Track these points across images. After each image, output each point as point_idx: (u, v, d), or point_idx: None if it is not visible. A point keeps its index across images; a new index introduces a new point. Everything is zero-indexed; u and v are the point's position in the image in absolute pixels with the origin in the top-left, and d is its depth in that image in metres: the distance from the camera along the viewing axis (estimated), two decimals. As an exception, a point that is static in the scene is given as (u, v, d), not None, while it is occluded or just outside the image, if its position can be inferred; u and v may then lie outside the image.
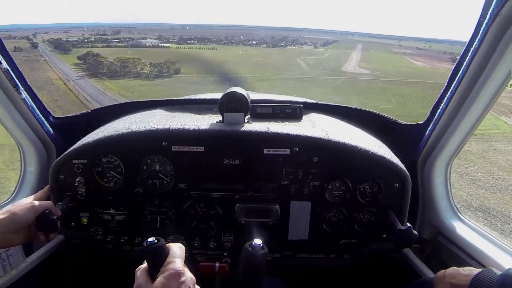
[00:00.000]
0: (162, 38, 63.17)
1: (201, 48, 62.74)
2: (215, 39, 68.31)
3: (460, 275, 1.05)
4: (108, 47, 56.00)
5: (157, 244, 0.89)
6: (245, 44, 70.27)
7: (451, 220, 1.63)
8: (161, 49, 57.32)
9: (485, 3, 1.25)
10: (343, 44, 76.73)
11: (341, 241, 1.61)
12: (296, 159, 1.50)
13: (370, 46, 75.55)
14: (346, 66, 54.04)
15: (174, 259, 0.88)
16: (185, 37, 66.01)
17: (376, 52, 69.21)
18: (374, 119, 1.92)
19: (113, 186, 1.56)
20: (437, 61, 59.86)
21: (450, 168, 1.66)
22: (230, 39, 70.30)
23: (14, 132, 1.66)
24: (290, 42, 72.67)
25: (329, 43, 75.63)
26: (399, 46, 77.59)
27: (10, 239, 1.30)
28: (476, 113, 1.40)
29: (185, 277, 0.85)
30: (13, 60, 1.53)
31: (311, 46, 72.80)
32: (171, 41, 62.96)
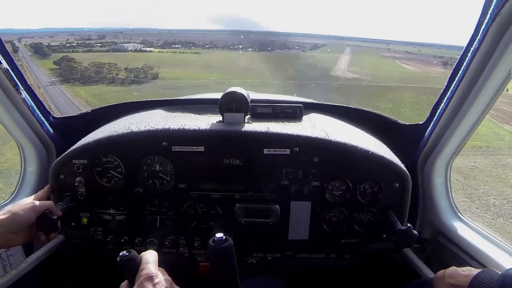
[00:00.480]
0: (146, 42, 61.72)
1: (185, 53, 61.67)
2: (200, 43, 67.17)
3: (459, 275, 1.05)
4: (89, 52, 54.29)
5: (128, 256, 0.92)
6: (230, 49, 68.64)
7: (451, 220, 1.63)
8: (142, 54, 56.28)
9: (485, 3, 1.24)
10: (331, 48, 75.28)
11: (341, 241, 1.61)
12: (296, 159, 1.50)
13: (359, 50, 74.45)
14: (335, 71, 52.02)
15: (146, 265, 0.91)
16: (169, 41, 64.80)
17: (365, 56, 67.97)
18: (374, 119, 1.92)
19: (113, 186, 1.57)
20: (427, 65, 59.21)
21: (450, 168, 1.66)
22: (215, 43, 68.85)
23: (14, 132, 1.66)
24: (278, 46, 71.15)
25: (317, 47, 74.15)
26: (388, 50, 76.17)
27: (11, 239, 1.30)
28: (476, 113, 1.40)
29: (158, 279, 0.88)
30: (13, 60, 1.53)
31: (299, 50, 71.39)
32: (155, 46, 61.62)
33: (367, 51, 71.34)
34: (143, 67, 42.33)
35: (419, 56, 68.08)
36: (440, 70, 53.00)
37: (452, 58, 62.85)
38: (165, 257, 0.99)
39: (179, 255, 1.63)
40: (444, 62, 54.69)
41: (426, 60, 63.76)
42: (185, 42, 65.70)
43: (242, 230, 1.55)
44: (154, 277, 0.88)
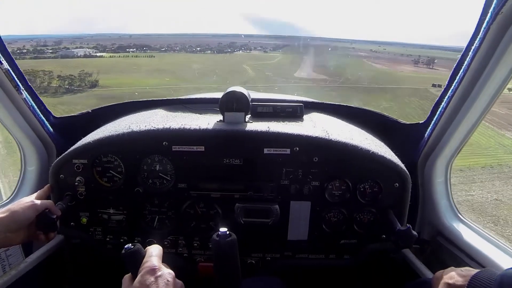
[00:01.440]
0: (99, 47, 59.06)
1: (138, 56, 59.07)
2: (155, 47, 64.96)
3: (457, 275, 1.04)
4: (35, 59, 50.90)
5: (133, 248, 0.95)
6: (188, 51, 66.00)
7: (451, 221, 1.62)
8: (91, 59, 53.77)
9: (486, 2, 1.24)
10: (294, 49, 71.59)
11: (340, 241, 1.61)
12: (297, 158, 1.50)
13: (323, 50, 70.81)
14: (299, 72, 48.20)
15: (150, 258, 0.94)
16: (124, 46, 62.23)
17: (331, 56, 64.11)
18: (374, 119, 1.92)
19: (113, 185, 1.56)
20: (397, 63, 57.42)
21: (450, 168, 1.65)
22: (172, 46, 66.61)
23: (14, 131, 1.66)
24: (238, 48, 68.41)
25: (279, 48, 71.54)
26: (352, 49, 74.14)
27: (10, 238, 1.29)
28: (476, 113, 1.40)
29: (161, 272, 0.90)
30: (14, 60, 1.53)
31: (261, 51, 68.69)
32: (108, 50, 58.98)
33: (331, 51, 68.21)
34: (80, 74, 37.52)
35: (385, 55, 66.51)
36: (411, 69, 52.02)
37: (420, 56, 55.40)
38: (165, 257, 0.99)
39: (178, 255, 1.62)
40: (415, 61, 54.47)
41: (394, 58, 62.17)
42: (140, 45, 63.45)
43: (242, 230, 1.55)
44: (156, 269, 0.90)
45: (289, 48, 71.52)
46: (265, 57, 65.29)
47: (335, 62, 56.24)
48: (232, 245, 1.06)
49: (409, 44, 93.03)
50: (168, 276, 0.90)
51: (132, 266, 0.94)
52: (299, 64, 54.22)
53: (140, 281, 0.87)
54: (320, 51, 66.94)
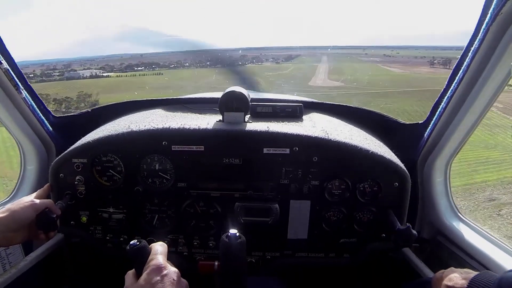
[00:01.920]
0: (107, 67, 56.17)
1: (146, 75, 56.87)
2: (164, 64, 61.54)
3: (457, 277, 1.04)
4: (41, 82, 46.37)
5: (139, 245, 0.94)
6: (198, 67, 68.51)
7: (450, 220, 1.62)
8: (97, 79, 50.36)
9: (486, 3, 1.24)
10: (307, 58, 68.97)
11: (340, 240, 1.61)
12: (296, 158, 1.50)
13: (336, 57, 67.94)
14: (314, 80, 45.72)
15: (155, 256, 0.93)
16: (132, 64, 59.85)
17: (344, 63, 62.04)
18: (374, 119, 1.92)
19: (112, 185, 1.57)
20: (412, 65, 55.23)
21: (450, 168, 1.65)
22: (182, 62, 64.89)
23: (14, 131, 1.67)
24: (250, 60, 69.28)
25: (291, 58, 69.19)
26: (365, 55, 71.70)
27: (10, 238, 1.29)
28: (476, 113, 1.40)
29: (167, 271, 0.89)
30: (14, 60, 1.54)
31: (273, 62, 66.03)
32: (115, 70, 56.34)
33: (344, 58, 66.34)
34: (78, 95, 34.74)
35: (399, 58, 64.72)
36: (428, 70, 50.33)
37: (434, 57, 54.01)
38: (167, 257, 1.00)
39: (178, 254, 1.63)
40: (431, 62, 52.99)
41: (408, 61, 60.47)
42: (148, 63, 61.48)
43: (241, 229, 1.55)
44: (162, 268, 0.89)
45: (301, 58, 69.39)
46: (278, 68, 62.30)
47: (349, 69, 54.24)
48: (242, 247, 1.06)
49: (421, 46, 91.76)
50: (174, 275, 0.90)
51: (137, 262, 0.93)
52: (313, 73, 51.73)
53: (146, 279, 0.87)
54: (334, 59, 64.58)
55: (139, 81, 54.53)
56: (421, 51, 62.76)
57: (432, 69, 51.09)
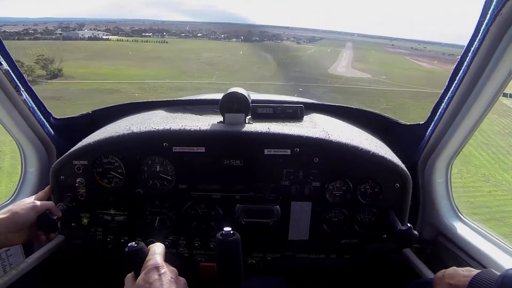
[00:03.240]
0: (113, 30, 53.60)
1: (148, 41, 52.78)
2: (175, 32, 59.06)
3: (459, 275, 1.05)
4: (34, 40, 44.84)
5: (136, 247, 0.96)
6: (211, 38, 58.82)
7: (451, 221, 1.62)
8: (94, 42, 47.75)
9: (485, 3, 1.24)
10: (330, 42, 62.93)
11: (341, 241, 1.61)
12: (297, 159, 1.50)
13: (362, 44, 62.24)
14: (335, 67, 38.55)
15: (153, 256, 0.94)
16: (140, 29, 56.49)
17: (371, 51, 55.48)
18: (375, 119, 1.92)
19: (113, 186, 1.57)
20: (443, 62, 49.67)
21: (450, 169, 1.65)
22: (194, 32, 59.83)
23: (14, 133, 1.66)
24: (269, 37, 60.19)
25: (315, 40, 64.68)
26: (392, 46, 67.52)
27: (11, 239, 1.30)
28: (477, 113, 1.40)
29: (164, 269, 0.90)
30: (14, 61, 1.53)
31: (294, 41, 61.02)
32: (121, 34, 53.66)
33: (370, 47, 60.01)
34: (38, 60, 28.43)
35: (427, 53, 60.39)
36: None
37: None
38: (165, 257, 1.00)
39: (179, 256, 1.63)
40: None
41: (437, 57, 55.46)
42: (158, 29, 57.86)
43: (243, 230, 1.55)
44: (160, 267, 0.90)
45: (325, 42, 63.79)
46: (297, 49, 55.66)
47: (376, 58, 47.89)
48: (236, 244, 1.07)
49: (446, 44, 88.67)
50: (172, 273, 0.91)
51: (135, 264, 0.94)
52: (335, 58, 44.80)
53: (144, 279, 0.88)
54: (359, 46, 58.51)
55: (136, 47, 49.08)
56: (448, 48, 61.03)
57: None
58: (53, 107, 1.84)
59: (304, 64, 41.73)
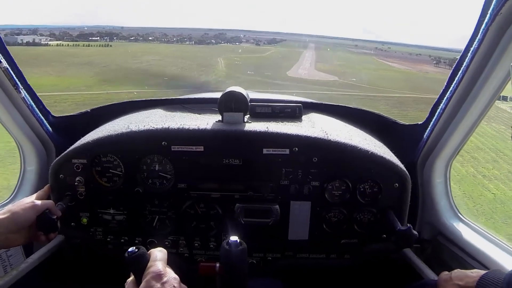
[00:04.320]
0: (56, 35, 52.18)
1: (91, 46, 51.19)
2: (124, 36, 57.14)
3: (467, 277, 1.04)
4: None
5: (137, 252, 0.93)
6: (162, 41, 56.80)
7: (451, 220, 1.63)
8: (30, 47, 45.22)
9: (485, 3, 1.24)
10: (293, 43, 59.62)
11: (341, 241, 1.61)
12: (296, 159, 1.50)
13: (325, 46, 58.44)
14: (295, 69, 33.57)
15: (155, 262, 0.92)
16: (87, 33, 55.03)
17: (335, 52, 50.48)
18: (373, 119, 1.92)
19: (113, 185, 1.56)
20: (414, 63, 46.90)
21: (449, 168, 1.66)
22: (144, 35, 57.87)
23: (13, 131, 1.66)
24: (227, 40, 58.46)
25: (276, 42, 62.70)
26: (355, 47, 65.06)
27: (11, 239, 1.29)
28: (475, 113, 1.40)
29: (167, 277, 0.88)
30: (13, 59, 1.53)
31: (253, 44, 59.45)
32: (66, 39, 52.15)
33: (334, 47, 55.45)
34: None
35: (392, 53, 57.91)
36: (434, 70, 42.93)
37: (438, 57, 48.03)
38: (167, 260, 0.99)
39: (179, 256, 1.63)
40: (437, 61, 47.74)
41: (405, 57, 52.48)
42: (106, 33, 56.48)
43: (242, 230, 1.55)
44: (162, 275, 0.88)
45: (286, 43, 61.21)
46: (255, 50, 52.21)
47: (342, 59, 42.95)
48: (243, 254, 1.04)
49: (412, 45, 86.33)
50: (174, 281, 0.89)
51: (136, 270, 0.92)
52: (296, 59, 40.50)
53: (146, 287, 0.86)
54: (322, 47, 55.10)
55: (74, 52, 44.79)
56: (414, 49, 59.59)
57: (438, 69, 44.81)
58: None
59: (260, 66, 37.60)
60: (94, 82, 30.40)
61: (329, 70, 35.87)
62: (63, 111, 1.82)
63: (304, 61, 40.37)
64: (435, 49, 67.31)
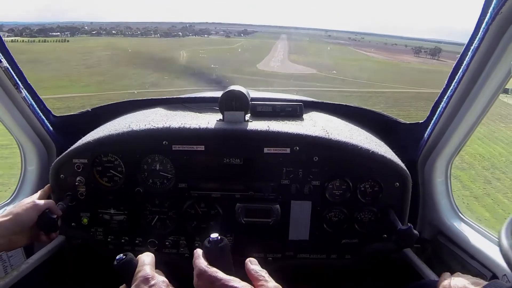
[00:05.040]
0: (14, 30, 51.37)
1: (47, 41, 49.62)
2: (85, 30, 55.12)
3: (467, 285, 1.04)
4: None
5: (125, 259, 0.94)
6: (126, 35, 54.07)
7: (451, 220, 1.62)
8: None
9: (485, 2, 1.24)
10: (263, 34, 56.69)
11: (342, 241, 1.61)
12: (297, 158, 1.50)
13: (297, 37, 54.18)
14: (267, 61, 29.55)
15: (142, 267, 0.93)
16: (47, 28, 53.53)
17: (309, 43, 46.78)
18: (374, 118, 1.92)
19: (113, 185, 1.56)
20: (392, 53, 44.11)
21: (450, 167, 1.65)
22: (108, 29, 54.97)
23: (14, 131, 1.66)
24: (195, 32, 55.55)
25: (247, 33, 60.24)
26: (328, 37, 62.01)
27: (14, 241, 1.29)
28: (476, 112, 1.40)
29: (155, 280, 0.89)
30: (13, 58, 1.53)
31: (223, 35, 56.76)
32: (25, 34, 51.50)
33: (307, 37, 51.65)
34: None
35: (367, 43, 54.87)
36: (416, 60, 40.05)
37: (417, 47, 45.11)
38: (166, 258, 0.99)
39: (180, 256, 1.62)
40: (416, 51, 45.25)
41: (381, 47, 49.29)
42: (67, 28, 54.71)
43: (243, 230, 1.55)
44: (150, 279, 0.89)
45: (258, 35, 57.77)
46: (223, 42, 47.61)
47: (317, 49, 38.87)
48: (224, 251, 1.03)
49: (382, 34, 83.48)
50: (162, 284, 0.90)
51: (125, 276, 0.93)
52: (268, 50, 35.57)
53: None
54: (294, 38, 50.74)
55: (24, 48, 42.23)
56: (388, 39, 57.65)
57: (419, 59, 42.50)
58: None
59: (227, 59, 32.01)
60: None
61: (304, 62, 31.10)
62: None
63: (276, 53, 35.77)
64: (409, 39, 65.41)
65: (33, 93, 1.66)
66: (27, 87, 1.62)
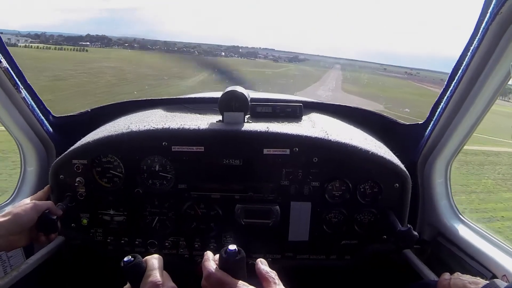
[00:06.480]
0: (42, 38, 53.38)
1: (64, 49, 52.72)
2: (116, 42, 56.17)
3: (465, 287, 1.03)
4: None
5: (133, 262, 0.91)
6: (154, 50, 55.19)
7: (451, 221, 1.62)
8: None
9: (485, 2, 1.24)
10: (316, 63, 52.94)
11: (341, 242, 1.61)
12: (296, 159, 1.50)
13: (351, 68, 51.70)
14: (313, 90, 27.17)
15: (152, 271, 0.91)
16: (76, 37, 54.56)
17: (365, 74, 43.64)
18: (374, 119, 1.92)
19: (113, 186, 1.56)
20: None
21: (450, 168, 1.65)
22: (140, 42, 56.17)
23: (13, 131, 1.66)
24: (241, 54, 53.46)
25: (297, 60, 56.97)
26: (384, 70, 60.19)
27: (13, 241, 1.28)
28: (476, 113, 1.40)
29: (165, 287, 0.87)
30: (13, 59, 1.53)
31: (271, 59, 53.45)
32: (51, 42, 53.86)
33: (362, 70, 48.50)
34: None
35: (423, 78, 53.84)
36: None
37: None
38: (165, 259, 0.99)
39: (179, 257, 1.62)
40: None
41: (437, 82, 45.43)
42: (97, 38, 55.90)
43: (242, 231, 1.55)
44: (160, 285, 0.87)
45: (308, 63, 55.00)
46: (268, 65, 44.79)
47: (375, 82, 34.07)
48: (241, 263, 1.02)
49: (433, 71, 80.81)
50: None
51: (133, 279, 0.91)
52: (317, 78, 31.78)
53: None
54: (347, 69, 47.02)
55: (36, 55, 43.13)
56: (439, 75, 55.92)
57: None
58: None
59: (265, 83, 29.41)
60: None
61: (361, 93, 27.71)
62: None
63: (328, 81, 31.72)
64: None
65: (32, 93, 1.66)
66: (27, 88, 1.62)
